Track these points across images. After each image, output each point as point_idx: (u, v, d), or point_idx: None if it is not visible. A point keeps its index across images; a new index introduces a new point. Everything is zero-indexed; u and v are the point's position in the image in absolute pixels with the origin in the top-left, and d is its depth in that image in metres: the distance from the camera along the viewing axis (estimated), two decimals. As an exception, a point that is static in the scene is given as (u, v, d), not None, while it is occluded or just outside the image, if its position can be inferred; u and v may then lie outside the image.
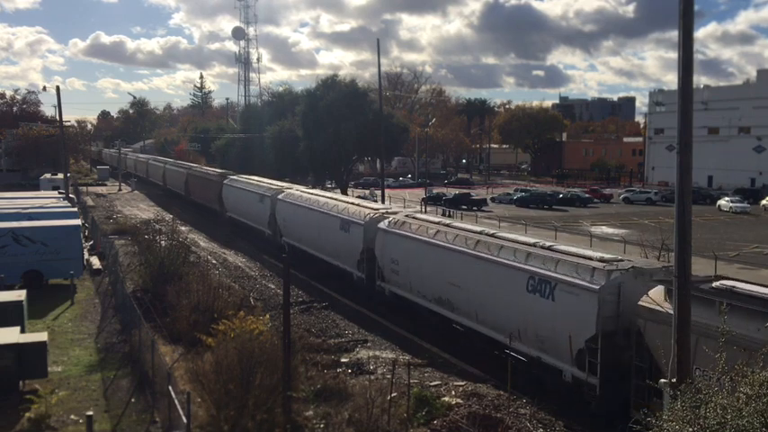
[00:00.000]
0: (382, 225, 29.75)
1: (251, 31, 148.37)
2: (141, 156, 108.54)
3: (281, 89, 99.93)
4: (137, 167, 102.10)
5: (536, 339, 19.72)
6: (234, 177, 55.58)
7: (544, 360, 19.46)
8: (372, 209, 33.11)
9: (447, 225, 26.95)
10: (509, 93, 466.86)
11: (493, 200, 79.13)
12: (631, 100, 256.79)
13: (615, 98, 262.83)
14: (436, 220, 29.19)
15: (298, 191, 43.10)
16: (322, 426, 16.44)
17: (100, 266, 35.78)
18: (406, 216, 29.95)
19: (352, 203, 35.82)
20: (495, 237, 23.49)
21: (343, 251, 33.04)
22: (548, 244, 21.49)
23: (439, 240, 25.22)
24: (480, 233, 24.29)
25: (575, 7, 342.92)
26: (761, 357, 9.53)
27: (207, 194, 60.26)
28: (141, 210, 65.33)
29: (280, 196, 42.43)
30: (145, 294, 27.94)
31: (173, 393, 15.41)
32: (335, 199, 38.76)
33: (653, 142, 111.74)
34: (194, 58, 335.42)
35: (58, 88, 58.28)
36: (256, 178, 54.11)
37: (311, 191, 44.98)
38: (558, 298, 18.77)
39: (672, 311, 13.32)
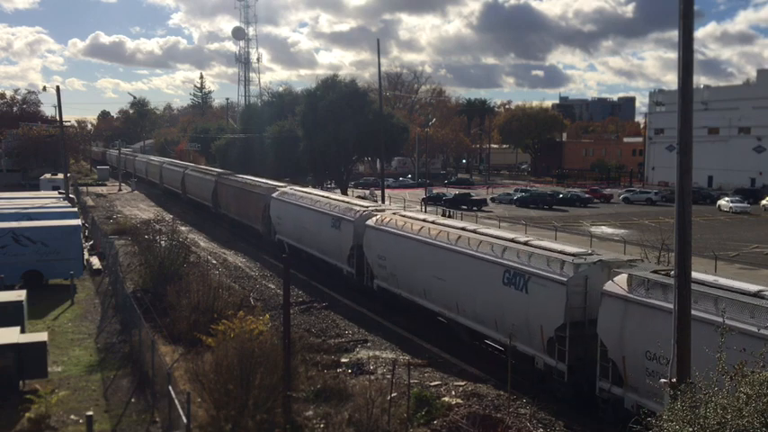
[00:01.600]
0: (604, 284, 18.25)
1: (251, 31, 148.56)
2: (153, 158, 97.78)
3: (281, 89, 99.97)
4: (148, 171, 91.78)
5: None
6: (286, 190, 43.57)
7: None
8: (567, 253, 20.40)
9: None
10: (509, 93, 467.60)
11: (493, 200, 79.29)
12: (631, 100, 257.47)
13: (615, 98, 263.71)
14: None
15: (396, 214, 30.70)
16: (322, 426, 16.44)
17: (100, 266, 35.79)
18: (661, 275, 17.21)
19: (528, 244, 22.27)
20: None
21: (512, 318, 21.27)
22: None
23: None
24: None
25: (574, 7, 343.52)
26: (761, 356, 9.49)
27: (246, 210, 49.18)
28: (141, 210, 65.30)
29: (370, 222, 30.70)
30: (145, 294, 27.98)
31: (173, 393, 15.41)
32: (488, 235, 24.56)
33: (653, 142, 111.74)
34: (194, 58, 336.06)
35: (58, 88, 58.30)
36: (321, 193, 43.54)
37: (424, 216, 31.74)
38: None
39: None
